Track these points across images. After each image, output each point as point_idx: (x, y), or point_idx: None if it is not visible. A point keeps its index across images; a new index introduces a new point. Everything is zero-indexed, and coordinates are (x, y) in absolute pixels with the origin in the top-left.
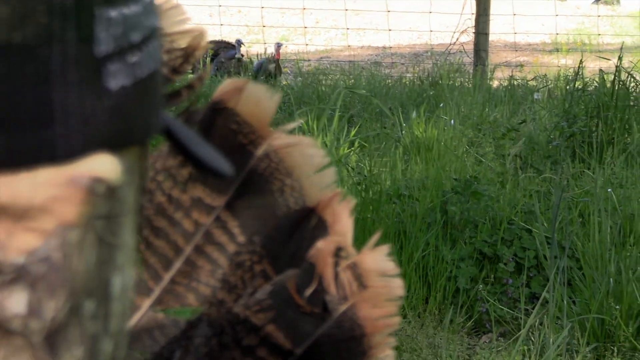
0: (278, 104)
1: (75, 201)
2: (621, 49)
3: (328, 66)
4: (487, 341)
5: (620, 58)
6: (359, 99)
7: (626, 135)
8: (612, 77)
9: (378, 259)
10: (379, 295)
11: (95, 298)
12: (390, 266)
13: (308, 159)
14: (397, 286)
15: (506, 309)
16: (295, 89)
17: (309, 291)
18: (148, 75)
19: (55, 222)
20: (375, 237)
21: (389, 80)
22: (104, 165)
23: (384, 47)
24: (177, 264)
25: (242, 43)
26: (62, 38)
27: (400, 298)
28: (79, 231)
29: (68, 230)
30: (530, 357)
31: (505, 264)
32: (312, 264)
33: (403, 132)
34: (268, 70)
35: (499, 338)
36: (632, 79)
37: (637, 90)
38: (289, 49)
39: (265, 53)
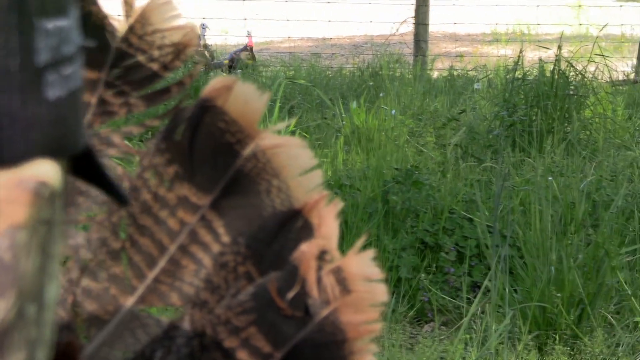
0: (267, 103)
1: (24, 203)
2: (560, 38)
3: (268, 57)
4: (429, 330)
5: (559, 47)
6: (300, 89)
7: (566, 124)
8: (552, 66)
9: (362, 264)
10: (362, 300)
11: (36, 303)
12: (375, 271)
13: (295, 160)
14: (381, 292)
15: (448, 297)
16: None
17: (291, 294)
18: (77, 89)
19: (6, 223)
20: (360, 241)
21: (329, 72)
22: (47, 170)
23: (324, 38)
24: (162, 263)
25: (207, 27)
26: (5, 46)
27: (384, 304)
28: (27, 233)
29: (17, 232)
30: (472, 346)
31: (446, 253)
32: (295, 266)
33: (344, 122)
34: (241, 60)
35: (441, 327)
36: (571, 68)
37: (577, 80)
38: (228, 41)
39: (204, 47)
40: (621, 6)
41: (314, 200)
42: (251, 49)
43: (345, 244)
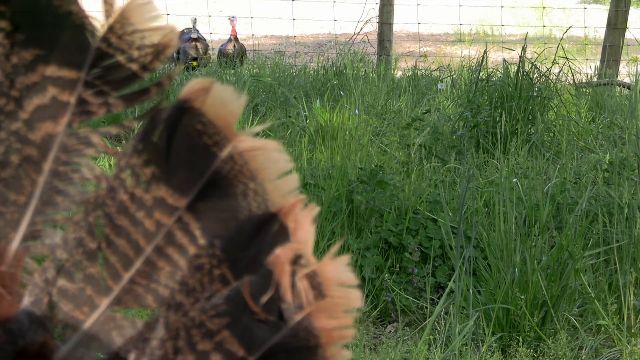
0: (244, 105)
1: None
2: (524, 39)
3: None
4: (392, 330)
5: (523, 49)
6: (264, 88)
7: (530, 126)
8: (516, 67)
9: (337, 269)
10: (336, 306)
11: None
12: (350, 277)
13: (273, 163)
14: (356, 297)
15: (412, 298)
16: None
17: (265, 298)
18: None
19: None
20: (336, 247)
21: (293, 70)
22: None
23: (288, 37)
24: (137, 264)
25: (196, 21)
26: None
27: (358, 310)
28: None
29: None
30: (436, 347)
31: (410, 254)
32: (270, 270)
33: (307, 121)
34: (226, 52)
35: (405, 327)
36: (535, 70)
37: (541, 81)
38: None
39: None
40: (585, 8)
41: (290, 204)
42: (236, 38)
43: None
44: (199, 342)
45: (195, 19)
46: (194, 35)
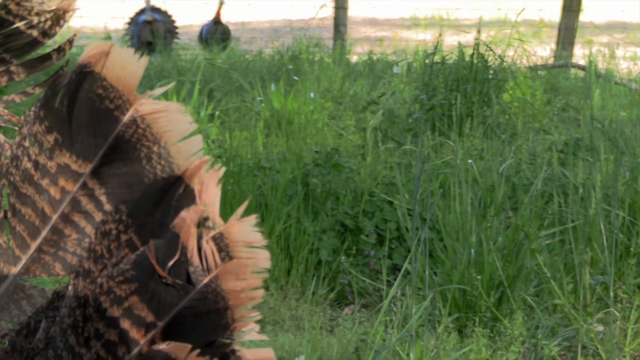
0: (145, 67)
1: None
2: (479, 23)
3: (188, 40)
4: (349, 312)
5: (478, 32)
6: (219, 73)
7: (485, 108)
8: (471, 50)
9: (244, 230)
10: (244, 267)
11: None
12: (257, 237)
13: (176, 125)
14: (264, 258)
15: (368, 280)
16: (155, 64)
17: (172, 262)
18: None
19: None
20: (242, 208)
21: (248, 55)
22: None
23: (243, 22)
24: (44, 232)
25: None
26: None
27: (266, 270)
28: None
29: None
30: (392, 328)
31: (366, 236)
32: (176, 233)
33: (263, 105)
34: (210, 34)
35: (362, 309)
36: (490, 53)
37: (496, 64)
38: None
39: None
40: None
41: (194, 166)
42: (219, 22)
43: (264, 226)
44: (109, 308)
45: None
46: (148, 18)
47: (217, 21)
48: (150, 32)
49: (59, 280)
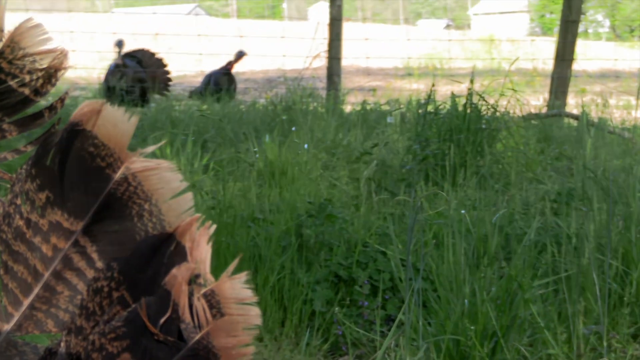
0: (135, 126)
1: None
2: (472, 72)
3: (181, 91)
4: None
5: (471, 81)
6: (213, 124)
7: (478, 158)
8: (464, 100)
9: (235, 287)
10: (235, 324)
11: None
12: (248, 294)
13: (166, 183)
14: (254, 314)
15: (362, 331)
16: (149, 115)
17: (163, 319)
18: None
19: None
20: (233, 265)
21: (242, 106)
22: None
23: (237, 73)
24: (37, 290)
25: (122, 44)
26: None
27: (257, 326)
28: None
29: None
30: None
31: (360, 287)
32: (168, 291)
33: (257, 156)
34: (219, 84)
35: None
36: (483, 102)
37: (489, 114)
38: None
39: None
40: (533, 40)
41: (185, 224)
42: (229, 73)
43: (258, 277)
44: None
45: (120, 40)
46: (118, 62)
47: (227, 71)
48: (119, 78)
49: (52, 337)
